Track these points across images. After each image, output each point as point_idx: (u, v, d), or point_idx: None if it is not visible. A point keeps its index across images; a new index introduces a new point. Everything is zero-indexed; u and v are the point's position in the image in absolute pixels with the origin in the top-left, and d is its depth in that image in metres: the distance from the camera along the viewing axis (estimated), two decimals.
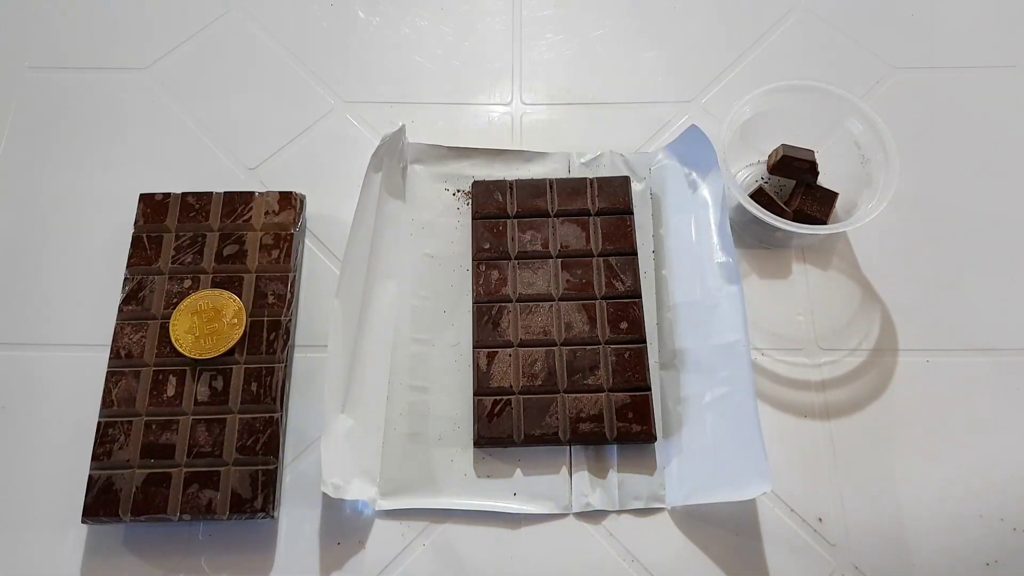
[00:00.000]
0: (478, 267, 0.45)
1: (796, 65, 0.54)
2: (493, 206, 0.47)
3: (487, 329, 0.43)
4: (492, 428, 0.41)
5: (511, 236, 0.46)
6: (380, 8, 0.57)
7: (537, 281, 0.45)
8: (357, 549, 0.40)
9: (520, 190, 0.47)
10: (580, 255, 0.45)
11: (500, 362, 0.42)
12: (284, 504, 0.40)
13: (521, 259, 0.45)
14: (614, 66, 0.55)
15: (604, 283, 0.44)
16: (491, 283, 0.45)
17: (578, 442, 0.41)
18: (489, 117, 0.53)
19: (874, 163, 0.44)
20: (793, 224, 0.42)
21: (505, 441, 0.41)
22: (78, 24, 0.56)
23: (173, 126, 0.52)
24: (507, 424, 0.41)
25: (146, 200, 0.47)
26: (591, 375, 0.42)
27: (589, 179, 0.47)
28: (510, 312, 0.44)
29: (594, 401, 0.41)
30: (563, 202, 0.47)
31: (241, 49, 0.55)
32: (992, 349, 0.44)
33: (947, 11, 0.56)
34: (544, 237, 0.46)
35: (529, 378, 0.42)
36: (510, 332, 0.43)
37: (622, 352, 0.43)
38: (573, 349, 0.43)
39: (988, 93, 0.53)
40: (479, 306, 0.44)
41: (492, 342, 0.43)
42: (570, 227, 0.46)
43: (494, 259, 0.45)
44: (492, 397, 0.42)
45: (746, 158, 0.49)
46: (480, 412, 0.41)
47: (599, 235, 0.46)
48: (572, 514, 0.40)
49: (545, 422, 0.41)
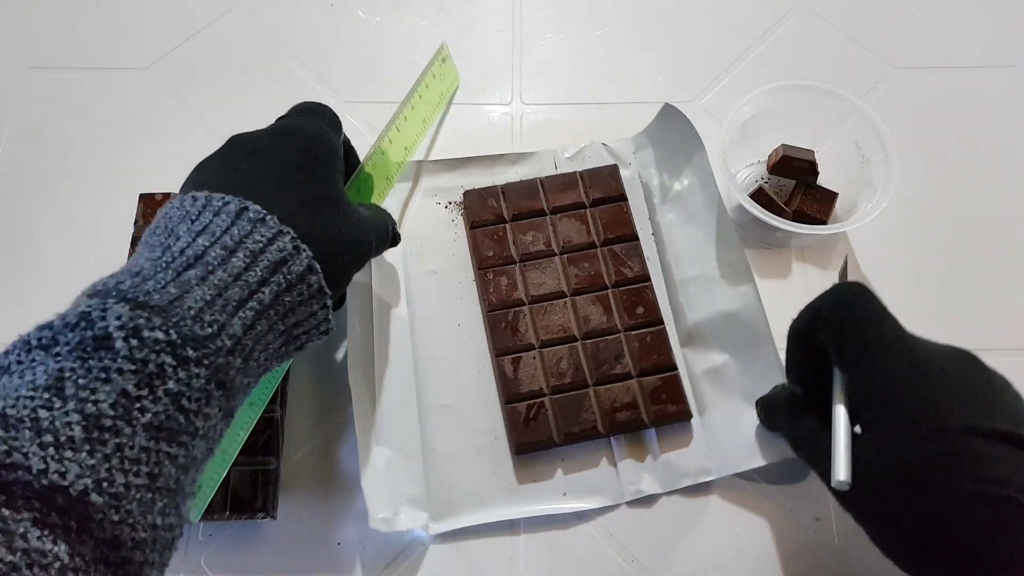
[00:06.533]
0: (485, 275, 0.45)
1: (796, 65, 0.54)
2: (488, 213, 0.46)
3: (506, 335, 0.43)
4: (530, 433, 0.41)
5: (512, 240, 0.46)
6: (380, 8, 0.57)
7: (547, 280, 0.44)
8: (357, 549, 0.40)
9: (512, 193, 0.47)
10: (584, 248, 0.45)
11: (526, 366, 0.42)
12: (284, 504, 0.40)
13: (526, 261, 0.45)
14: (614, 66, 0.55)
15: (612, 272, 0.45)
16: (501, 289, 0.44)
17: (617, 431, 0.41)
18: (489, 117, 0.53)
19: (874, 163, 0.44)
20: (793, 224, 0.42)
21: (546, 443, 0.41)
22: (78, 24, 0.56)
23: (173, 126, 0.52)
24: (544, 427, 0.41)
25: (146, 200, 0.47)
26: (617, 364, 0.42)
27: (578, 172, 0.48)
28: (526, 315, 0.44)
29: (625, 389, 0.42)
30: (557, 198, 0.47)
31: (241, 49, 0.55)
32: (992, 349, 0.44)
33: (947, 11, 0.56)
34: (545, 236, 0.46)
35: (557, 377, 0.42)
36: (530, 335, 0.43)
37: (643, 336, 0.43)
38: (595, 341, 0.43)
39: (988, 93, 0.53)
40: (494, 314, 0.44)
41: (514, 348, 0.43)
42: (568, 222, 0.46)
43: (499, 265, 0.45)
44: (525, 402, 0.41)
45: (746, 158, 0.49)
46: (515, 419, 0.41)
47: (598, 225, 0.46)
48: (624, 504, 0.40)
49: (582, 418, 0.41)
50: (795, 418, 0.36)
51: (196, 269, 0.27)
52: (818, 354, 0.34)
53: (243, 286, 0.27)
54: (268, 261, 0.28)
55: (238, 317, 0.27)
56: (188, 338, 0.25)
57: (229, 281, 0.27)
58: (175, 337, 0.25)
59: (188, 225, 0.28)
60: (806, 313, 0.34)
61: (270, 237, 0.28)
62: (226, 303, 0.27)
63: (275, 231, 0.28)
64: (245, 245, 0.28)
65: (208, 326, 0.26)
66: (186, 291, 0.26)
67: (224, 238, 0.27)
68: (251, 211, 0.28)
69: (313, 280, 0.30)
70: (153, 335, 0.24)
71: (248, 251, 0.28)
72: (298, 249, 0.29)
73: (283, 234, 0.28)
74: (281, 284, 0.28)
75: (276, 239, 0.28)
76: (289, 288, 0.29)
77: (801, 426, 0.35)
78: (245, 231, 0.28)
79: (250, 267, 0.27)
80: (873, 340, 0.31)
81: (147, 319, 0.25)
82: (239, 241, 0.28)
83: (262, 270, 0.28)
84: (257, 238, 0.28)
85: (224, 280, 0.27)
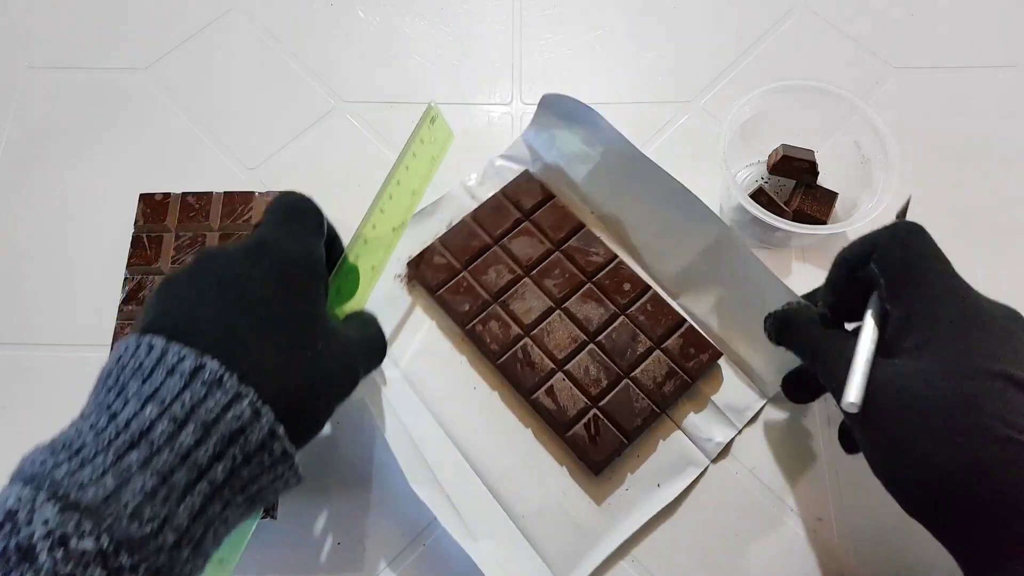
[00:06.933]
0: (474, 330, 0.43)
1: (796, 65, 0.54)
2: (441, 271, 0.45)
3: (527, 373, 0.42)
4: (601, 449, 0.40)
5: (478, 284, 0.44)
6: (380, 8, 0.57)
7: (531, 304, 0.44)
8: (357, 549, 0.40)
9: (452, 241, 0.46)
10: (545, 257, 0.45)
11: (560, 391, 0.41)
12: (284, 504, 0.40)
13: (501, 296, 0.44)
14: (614, 66, 0.55)
15: (583, 264, 0.45)
16: (497, 335, 0.43)
17: (670, 403, 0.42)
18: (489, 117, 0.53)
19: (874, 163, 0.44)
20: (793, 224, 0.42)
21: (619, 450, 0.40)
22: (78, 24, 0.56)
23: (173, 126, 0.52)
24: (609, 435, 0.40)
25: (146, 200, 0.47)
26: (636, 344, 0.42)
27: (498, 193, 0.47)
28: (532, 345, 0.43)
29: (657, 362, 0.42)
30: (495, 226, 0.46)
31: (241, 49, 0.55)
32: None
33: (947, 11, 0.56)
34: (505, 265, 0.45)
35: (594, 385, 0.41)
36: (547, 360, 0.42)
37: (643, 308, 0.43)
38: (606, 334, 0.43)
39: (988, 93, 0.53)
40: (504, 360, 0.42)
41: (540, 380, 0.42)
42: (518, 242, 0.45)
43: (481, 313, 0.44)
44: (580, 424, 0.41)
45: (746, 158, 0.49)
46: (580, 444, 0.40)
47: (545, 231, 0.46)
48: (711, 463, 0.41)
49: (635, 408, 0.41)
50: (820, 336, 0.36)
51: (139, 450, 0.24)
52: (854, 283, 0.35)
53: (191, 467, 0.25)
54: (222, 434, 0.25)
55: (184, 505, 0.24)
56: (123, 543, 0.23)
57: (176, 463, 0.24)
58: (107, 544, 0.22)
59: (138, 385, 0.25)
60: (859, 244, 0.34)
61: (226, 404, 0.25)
62: (171, 490, 0.24)
63: (232, 395, 0.25)
64: (197, 415, 0.25)
65: (148, 523, 0.23)
66: (125, 480, 0.23)
67: (174, 407, 0.25)
68: (207, 371, 0.25)
69: (276, 447, 0.26)
70: (82, 545, 0.22)
71: (200, 423, 0.25)
72: (258, 414, 0.26)
73: (241, 398, 0.25)
74: (236, 458, 0.25)
75: (233, 405, 0.25)
76: (247, 460, 0.26)
77: (825, 344, 0.35)
78: (198, 397, 0.25)
79: (201, 442, 0.25)
80: (931, 277, 0.32)
81: (76, 524, 0.22)
82: (190, 411, 0.25)
83: (215, 444, 0.25)
84: (211, 406, 0.25)
85: (170, 463, 0.24)
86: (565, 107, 0.46)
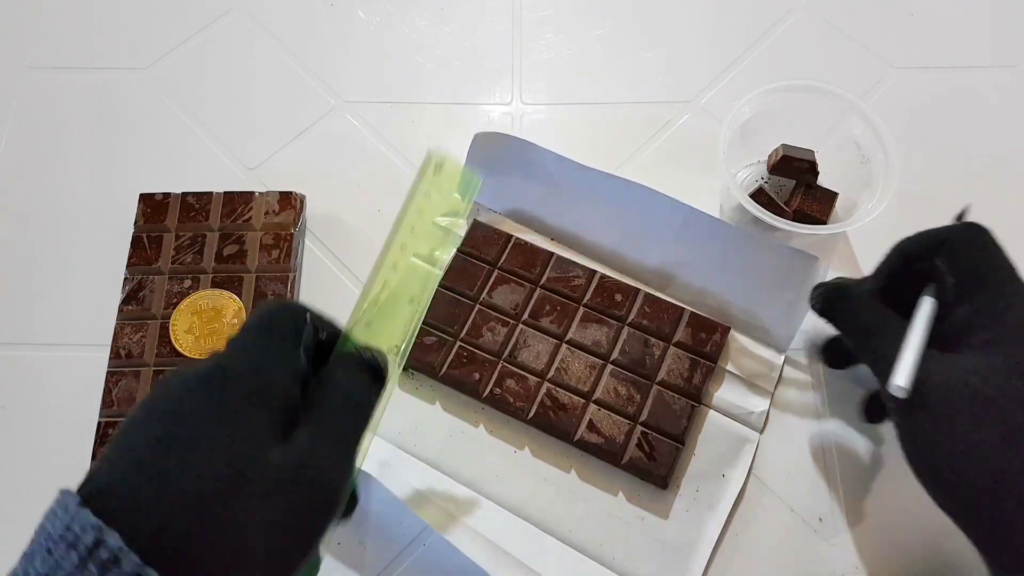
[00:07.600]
0: (493, 396, 0.42)
1: (796, 65, 0.54)
2: (437, 350, 0.43)
3: (562, 417, 0.41)
4: (661, 463, 0.39)
5: (481, 351, 0.43)
6: (380, 8, 0.57)
7: (537, 348, 0.43)
8: (357, 549, 0.40)
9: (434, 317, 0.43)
10: (529, 297, 0.44)
11: (601, 421, 0.41)
12: None
13: (506, 351, 0.43)
14: (614, 66, 0.55)
15: (568, 292, 0.44)
16: (520, 393, 0.41)
17: (704, 391, 0.42)
18: (489, 117, 0.53)
19: (874, 163, 0.44)
20: (793, 224, 0.42)
21: (677, 456, 0.40)
22: (78, 24, 0.56)
23: (173, 126, 0.52)
24: (663, 446, 0.40)
25: (146, 200, 0.47)
26: (652, 349, 0.42)
27: (456, 254, 0.45)
28: (557, 390, 0.42)
29: (677, 359, 0.42)
30: (469, 287, 0.44)
31: (241, 49, 0.55)
32: None
33: (947, 11, 0.56)
34: (496, 320, 0.43)
35: (630, 404, 0.41)
36: (576, 399, 0.41)
37: (642, 312, 0.43)
38: (620, 351, 0.42)
39: (988, 93, 0.53)
40: (539, 415, 0.41)
41: (578, 418, 0.41)
42: (498, 292, 0.44)
43: (493, 378, 0.42)
44: (632, 444, 0.40)
45: (746, 158, 0.49)
46: (640, 466, 0.40)
47: (520, 273, 0.45)
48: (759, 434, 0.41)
49: (675, 410, 0.41)
50: (875, 314, 0.36)
51: None
52: (908, 274, 0.35)
53: None
54: None
55: None
56: None
57: None
58: None
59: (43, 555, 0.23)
60: (924, 238, 0.35)
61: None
62: None
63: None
64: None
65: None
66: None
67: None
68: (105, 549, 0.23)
69: None
70: None
71: None
72: None
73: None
74: None
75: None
76: None
77: (879, 323, 0.35)
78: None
79: None
80: (1000, 279, 0.33)
81: None
82: None
83: None
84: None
85: None
86: (496, 145, 0.45)
